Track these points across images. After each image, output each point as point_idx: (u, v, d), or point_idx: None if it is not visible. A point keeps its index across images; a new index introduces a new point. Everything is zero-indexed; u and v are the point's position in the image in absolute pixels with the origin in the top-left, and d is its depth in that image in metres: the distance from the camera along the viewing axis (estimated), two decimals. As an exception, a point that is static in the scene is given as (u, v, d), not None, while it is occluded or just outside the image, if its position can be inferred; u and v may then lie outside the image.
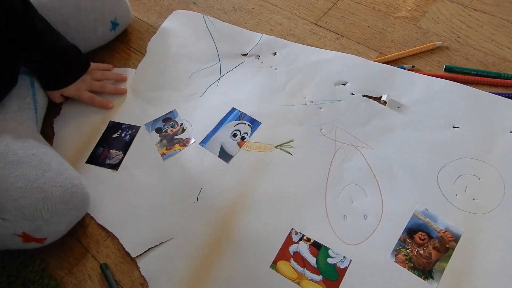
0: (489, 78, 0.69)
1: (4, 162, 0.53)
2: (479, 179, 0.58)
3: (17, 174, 0.53)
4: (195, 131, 0.68)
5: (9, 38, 0.62)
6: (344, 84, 0.71)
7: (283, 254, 0.55)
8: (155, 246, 0.57)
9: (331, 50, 0.76)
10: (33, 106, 0.66)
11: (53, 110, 0.72)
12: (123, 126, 0.70)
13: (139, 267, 0.56)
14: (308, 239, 0.56)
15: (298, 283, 0.53)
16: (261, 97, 0.71)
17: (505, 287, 0.50)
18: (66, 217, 0.55)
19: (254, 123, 0.68)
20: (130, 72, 0.77)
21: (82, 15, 0.72)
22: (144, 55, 0.80)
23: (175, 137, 0.68)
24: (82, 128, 0.70)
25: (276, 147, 0.65)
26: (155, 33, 0.83)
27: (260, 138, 0.66)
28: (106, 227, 0.60)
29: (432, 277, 0.52)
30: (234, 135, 0.67)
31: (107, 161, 0.66)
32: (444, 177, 0.59)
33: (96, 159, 0.67)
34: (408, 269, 0.52)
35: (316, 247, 0.55)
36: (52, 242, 0.57)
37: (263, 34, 0.80)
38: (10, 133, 0.58)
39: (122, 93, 0.73)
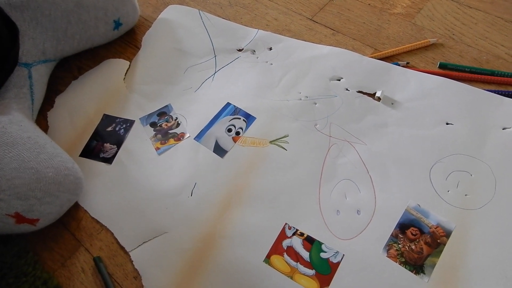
0: (482, 76, 0.69)
1: (0, 144, 0.54)
2: (471, 175, 0.59)
3: (12, 155, 0.53)
4: (190, 126, 0.68)
5: None
6: (339, 80, 0.71)
7: (276, 248, 0.55)
8: (149, 240, 0.57)
9: (327, 45, 0.76)
10: (30, 96, 0.66)
11: (46, 103, 0.72)
12: (118, 120, 0.70)
13: (132, 261, 0.56)
14: (302, 234, 0.56)
15: (291, 277, 0.53)
16: (256, 92, 0.71)
17: (496, 282, 0.51)
18: (58, 199, 0.56)
19: (249, 118, 0.68)
20: (122, 63, 0.77)
21: (83, 12, 0.71)
22: (139, 48, 0.79)
23: (170, 131, 0.68)
24: (76, 121, 0.70)
25: (270, 142, 0.65)
26: (150, 26, 0.83)
27: (255, 133, 0.66)
28: (100, 221, 0.60)
29: (423, 272, 0.52)
30: (229, 130, 0.67)
31: (101, 155, 0.66)
32: (437, 173, 0.59)
33: (90, 152, 0.66)
34: (399, 264, 0.53)
35: (309, 241, 0.56)
36: (44, 231, 0.58)
37: (259, 30, 0.80)
38: (7, 117, 0.59)
39: None
